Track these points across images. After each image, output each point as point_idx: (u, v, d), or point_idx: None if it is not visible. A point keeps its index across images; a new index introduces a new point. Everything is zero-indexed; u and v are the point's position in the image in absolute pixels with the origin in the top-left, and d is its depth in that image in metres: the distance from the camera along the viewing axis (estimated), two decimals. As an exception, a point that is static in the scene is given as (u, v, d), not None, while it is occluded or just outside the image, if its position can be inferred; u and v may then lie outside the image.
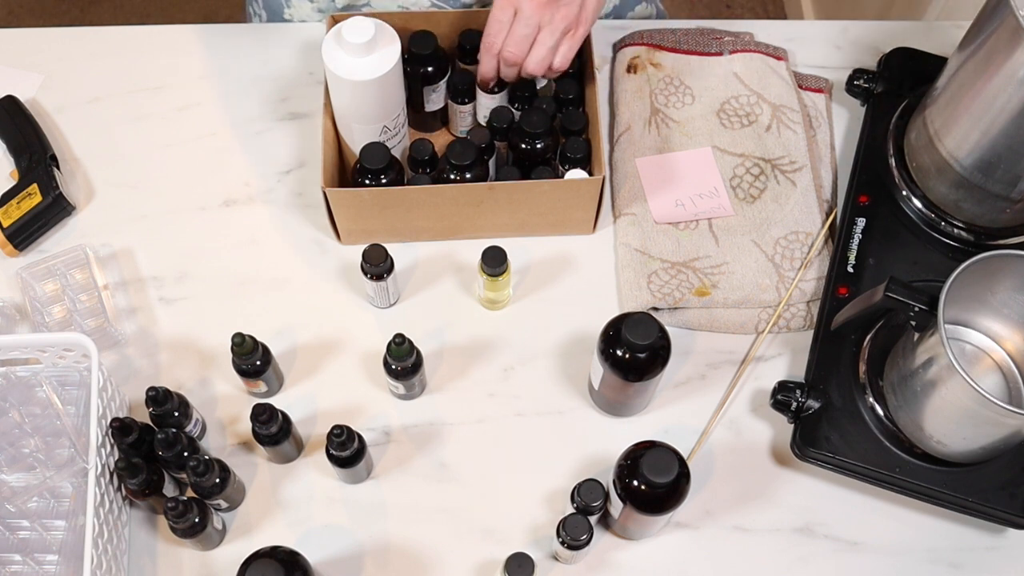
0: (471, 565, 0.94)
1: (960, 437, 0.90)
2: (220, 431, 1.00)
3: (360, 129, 1.03)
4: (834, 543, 0.96)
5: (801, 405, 0.96)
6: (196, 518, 0.88)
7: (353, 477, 0.96)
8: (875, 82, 1.13)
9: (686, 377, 1.03)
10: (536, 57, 1.00)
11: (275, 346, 1.00)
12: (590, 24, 1.00)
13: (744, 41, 1.18)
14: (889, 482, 0.94)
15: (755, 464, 0.99)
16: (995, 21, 0.90)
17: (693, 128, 1.13)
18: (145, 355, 1.03)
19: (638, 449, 0.87)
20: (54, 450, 0.96)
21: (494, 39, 1.00)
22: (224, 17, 2.32)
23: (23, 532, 0.93)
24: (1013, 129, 0.92)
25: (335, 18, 1.05)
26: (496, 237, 1.07)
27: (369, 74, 0.97)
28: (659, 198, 1.08)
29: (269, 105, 1.17)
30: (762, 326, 1.04)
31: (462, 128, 1.13)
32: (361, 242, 1.03)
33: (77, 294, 1.04)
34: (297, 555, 0.84)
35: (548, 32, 0.98)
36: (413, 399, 1.01)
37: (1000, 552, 0.96)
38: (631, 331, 0.87)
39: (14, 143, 1.11)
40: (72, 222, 1.10)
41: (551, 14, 0.97)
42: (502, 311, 1.06)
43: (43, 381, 0.97)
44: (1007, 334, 0.96)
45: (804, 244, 1.07)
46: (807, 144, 1.12)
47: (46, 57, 1.19)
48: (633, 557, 0.95)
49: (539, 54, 0.99)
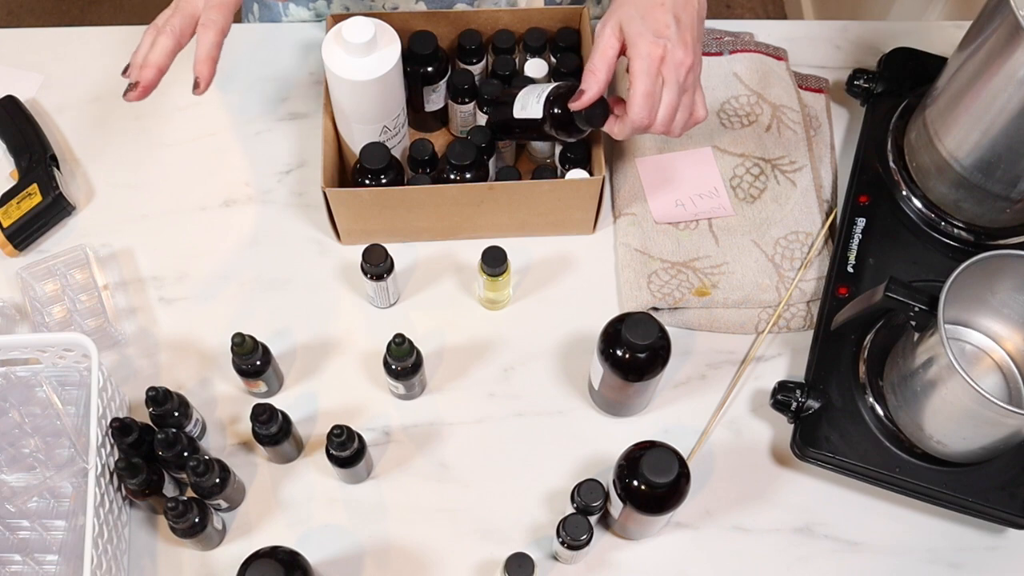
0: (471, 565, 0.94)
1: (960, 437, 0.90)
2: (220, 431, 1.00)
3: (360, 129, 1.03)
4: (834, 543, 0.96)
5: (801, 405, 0.96)
6: (196, 518, 0.88)
7: (353, 477, 0.96)
8: (875, 82, 1.13)
9: (686, 377, 1.03)
10: (681, 123, 0.93)
11: (275, 346, 1.00)
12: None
13: (744, 41, 1.18)
14: (889, 482, 0.94)
15: (755, 464, 0.99)
16: (995, 21, 0.90)
17: (693, 128, 1.13)
18: (145, 355, 1.03)
19: (638, 449, 0.87)
20: (54, 450, 0.96)
21: (649, 116, 0.90)
22: (224, 17, 2.31)
23: (23, 532, 0.93)
24: (1013, 129, 0.92)
25: (335, 18, 1.05)
26: (496, 237, 1.07)
27: (369, 74, 0.97)
28: (659, 198, 1.08)
29: (269, 105, 1.17)
30: (762, 326, 1.04)
31: (462, 128, 1.13)
32: (361, 242, 1.03)
33: (77, 294, 1.04)
34: (297, 555, 0.84)
35: (689, 95, 0.92)
36: (413, 399, 1.01)
37: (1000, 552, 0.96)
38: (631, 331, 0.87)
39: (14, 143, 1.11)
40: (72, 222, 1.10)
41: (694, 75, 0.92)
42: (502, 311, 1.06)
43: (43, 381, 0.97)
44: (1007, 334, 0.96)
45: (804, 244, 1.07)
46: (807, 144, 1.12)
47: (46, 57, 1.19)
48: (633, 557, 0.95)
49: (684, 119, 0.93)
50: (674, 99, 0.90)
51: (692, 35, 0.90)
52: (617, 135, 0.94)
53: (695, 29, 0.91)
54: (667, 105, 0.90)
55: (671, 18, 0.89)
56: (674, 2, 0.89)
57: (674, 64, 0.89)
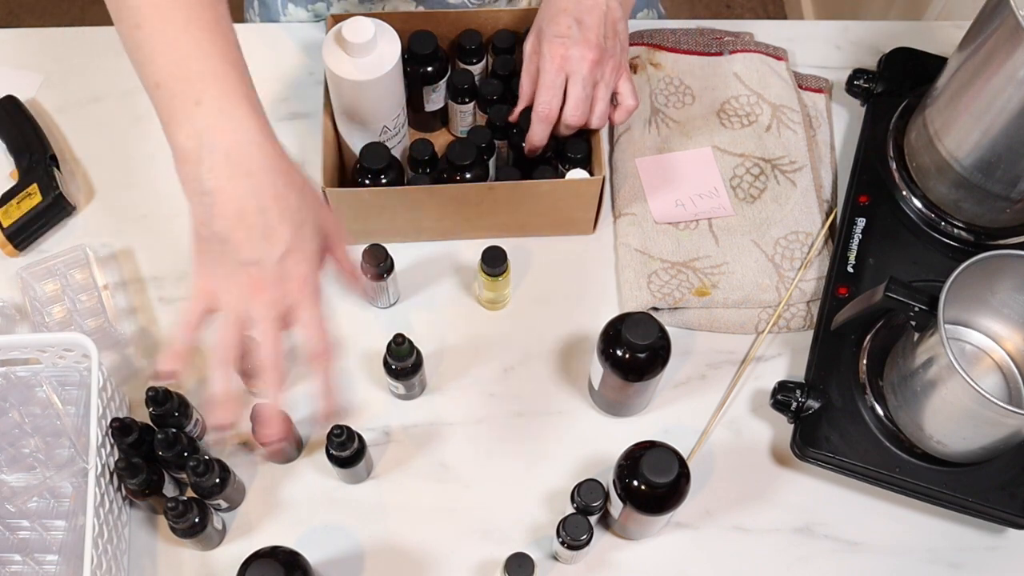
0: (471, 565, 0.94)
1: (960, 437, 0.90)
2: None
3: (360, 129, 1.03)
4: (834, 543, 0.96)
5: (801, 405, 0.96)
6: (196, 518, 0.88)
7: (353, 477, 0.96)
8: (875, 82, 1.13)
9: (686, 377, 1.03)
10: (600, 113, 0.99)
11: (275, 346, 1.00)
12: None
13: (744, 41, 1.18)
14: (889, 482, 0.94)
15: (755, 464, 0.99)
16: (995, 21, 0.90)
17: (693, 128, 1.13)
18: (145, 355, 1.03)
19: (638, 449, 0.87)
20: (54, 450, 0.96)
21: (550, 106, 0.97)
22: (224, 17, 2.31)
23: (23, 532, 0.93)
24: (1013, 129, 0.92)
25: (335, 18, 1.05)
26: (496, 237, 1.07)
27: (369, 74, 0.97)
28: (659, 198, 1.08)
29: (269, 105, 1.15)
30: (762, 326, 1.04)
31: (462, 128, 1.13)
32: (361, 242, 1.03)
33: (77, 294, 1.04)
34: (297, 555, 0.84)
35: (604, 86, 0.98)
36: (413, 399, 1.01)
37: (1000, 552, 0.96)
38: (631, 331, 0.87)
39: (14, 143, 1.11)
40: (72, 222, 1.10)
41: (602, 69, 0.97)
42: (502, 311, 1.06)
43: (43, 381, 0.97)
44: (1007, 334, 0.96)
45: (804, 244, 1.07)
46: (807, 144, 1.12)
47: (46, 57, 1.19)
48: (633, 557, 0.95)
49: (601, 109, 0.99)
50: (579, 91, 0.97)
51: (596, 34, 0.96)
52: (533, 137, 1.00)
53: (600, 28, 0.96)
54: (573, 96, 0.97)
55: (572, 20, 0.96)
56: (577, 7, 0.96)
57: (575, 59, 0.95)
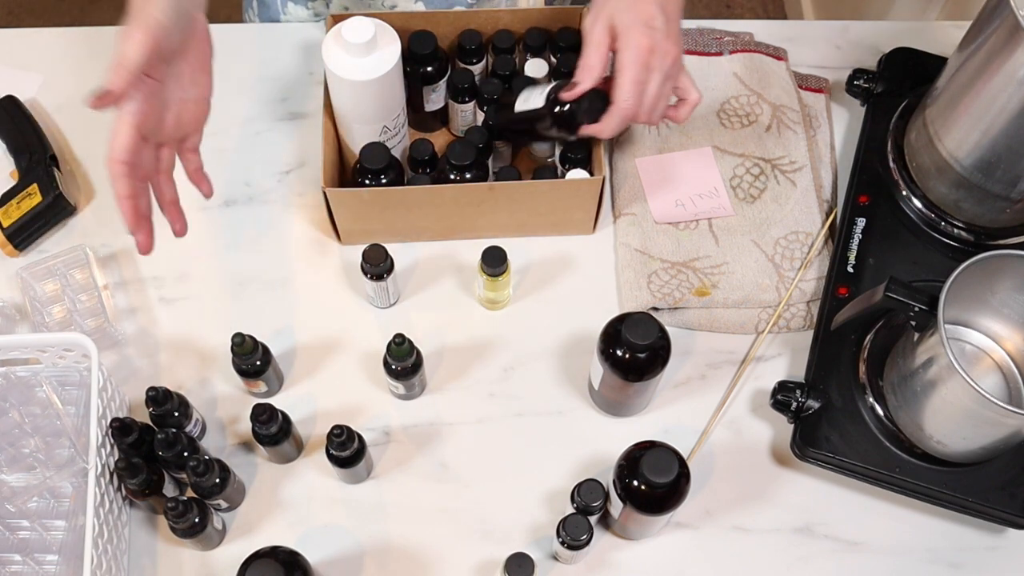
0: (471, 565, 0.94)
1: (960, 437, 0.90)
2: (220, 431, 1.00)
3: (360, 129, 1.03)
4: (834, 543, 0.96)
5: (801, 405, 0.96)
6: (196, 518, 0.88)
7: (353, 477, 0.96)
8: (875, 82, 1.13)
9: (686, 377, 1.03)
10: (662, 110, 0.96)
11: (275, 346, 1.00)
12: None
13: (744, 41, 1.18)
14: (889, 482, 0.94)
15: (755, 464, 0.99)
16: (995, 21, 0.90)
17: (693, 128, 1.13)
18: (145, 355, 1.03)
19: (638, 449, 0.87)
20: (54, 450, 0.96)
21: (636, 103, 0.93)
22: (224, 17, 2.30)
23: (23, 532, 0.93)
24: (1013, 129, 0.92)
25: (335, 18, 1.05)
26: (496, 237, 1.07)
27: (369, 74, 0.97)
28: (659, 198, 1.08)
29: (269, 105, 1.17)
30: (762, 326, 1.04)
31: (462, 128, 1.13)
32: (361, 242, 1.03)
33: (77, 294, 1.04)
34: (297, 555, 0.84)
35: (671, 81, 0.95)
36: (413, 399, 1.01)
37: (1000, 552, 0.96)
38: (631, 331, 0.87)
39: (14, 143, 1.11)
40: (72, 222, 1.10)
41: (678, 65, 0.95)
42: (502, 311, 1.06)
43: (43, 381, 0.97)
44: (1007, 334, 0.96)
45: (804, 244, 1.07)
46: (807, 144, 1.12)
47: (46, 57, 1.19)
48: (633, 557, 0.95)
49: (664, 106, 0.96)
50: (660, 88, 0.93)
51: (677, 27, 0.93)
52: (606, 130, 0.96)
53: (679, 21, 0.94)
54: (653, 94, 0.93)
55: (658, 10, 0.91)
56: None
57: (662, 54, 0.92)
